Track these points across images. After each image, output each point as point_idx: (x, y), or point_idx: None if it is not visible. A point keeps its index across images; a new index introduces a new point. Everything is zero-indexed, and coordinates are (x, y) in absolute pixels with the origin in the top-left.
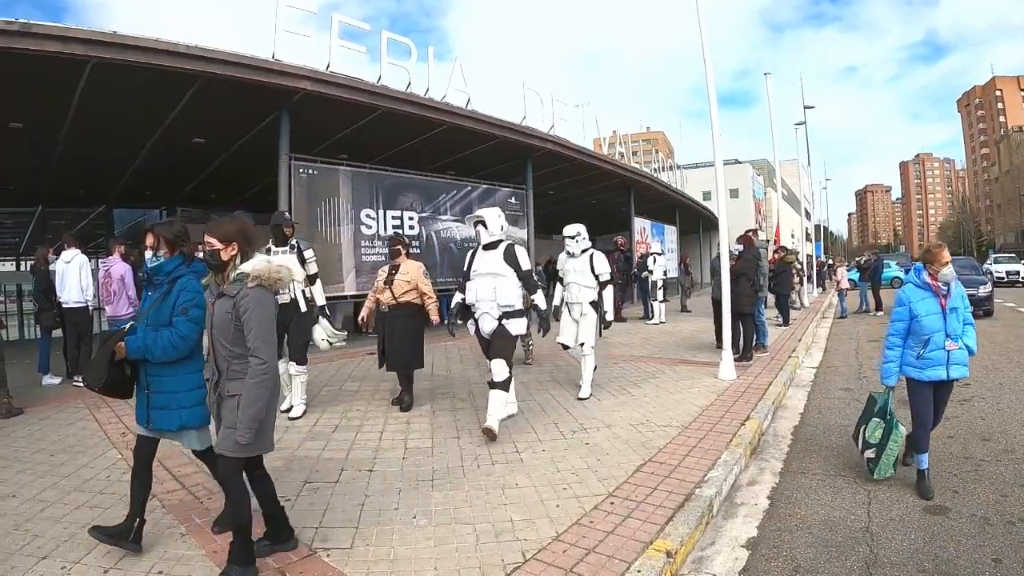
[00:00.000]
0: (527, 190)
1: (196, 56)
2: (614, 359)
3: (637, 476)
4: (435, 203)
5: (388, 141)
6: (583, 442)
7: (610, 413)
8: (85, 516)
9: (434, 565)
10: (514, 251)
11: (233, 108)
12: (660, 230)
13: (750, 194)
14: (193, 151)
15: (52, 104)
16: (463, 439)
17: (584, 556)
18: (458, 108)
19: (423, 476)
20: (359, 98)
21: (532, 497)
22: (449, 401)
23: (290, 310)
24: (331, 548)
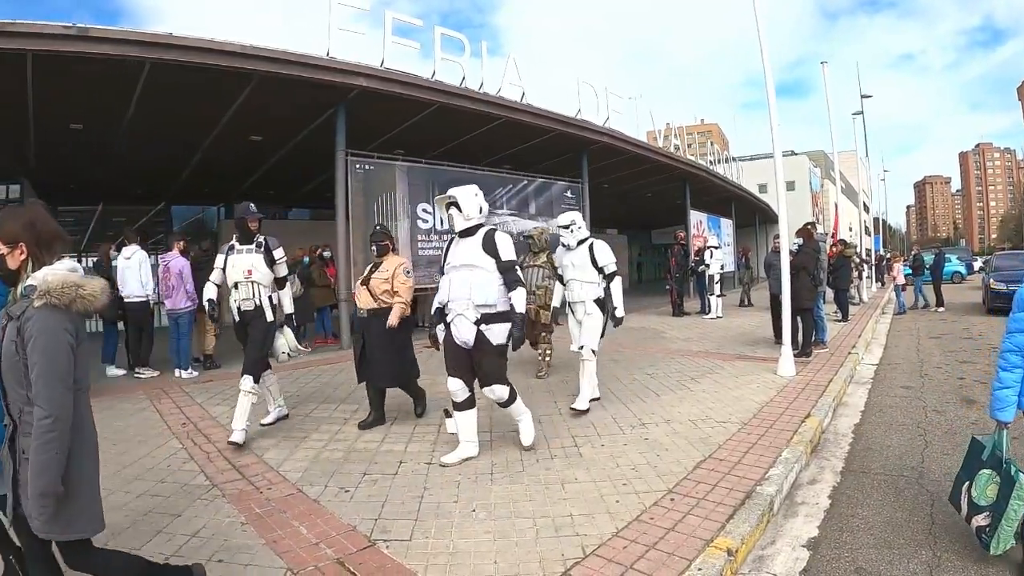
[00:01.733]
0: (583, 184)
1: (251, 55)
2: (671, 354)
3: (697, 472)
4: (491, 197)
5: (444, 136)
6: (642, 437)
7: (669, 409)
8: (146, 504)
9: (494, 559)
10: (494, 238)
11: (289, 106)
12: (716, 223)
13: (807, 186)
14: (250, 148)
15: (111, 105)
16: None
17: (644, 553)
18: (513, 102)
19: (482, 469)
20: (414, 93)
21: (591, 492)
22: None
23: (256, 319)
24: (390, 540)
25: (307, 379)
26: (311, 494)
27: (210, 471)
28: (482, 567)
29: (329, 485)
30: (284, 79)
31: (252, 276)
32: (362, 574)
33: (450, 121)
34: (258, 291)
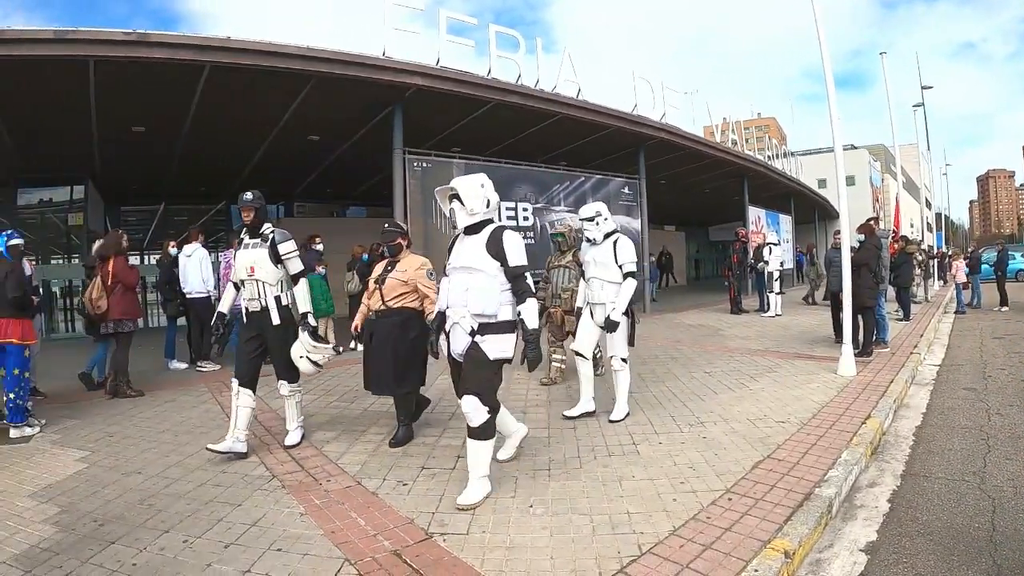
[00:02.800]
0: (640, 179)
1: (309, 57)
2: (730, 352)
3: (755, 472)
4: (548, 194)
5: (500, 133)
6: (700, 436)
7: (727, 408)
8: (208, 493)
9: (550, 554)
10: (501, 237)
11: (347, 105)
12: (775, 219)
13: (867, 181)
14: (309, 147)
15: (172, 108)
16: (580, 429)
17: (701, 552)
18: (569, 98)
19: (540, 466)
20: (470, 91)
21: (649, 490)
22: (566, 391)
23: (265, 323)
24: (448, 533)
25: None
26: (369, 487)
27: (270, 462)
28: (538, 562)
29: (387, 478)
30: (341, 79)
31: (255, 274)
32: (419, 566)
33: (506, 118)
34: (263, 290)
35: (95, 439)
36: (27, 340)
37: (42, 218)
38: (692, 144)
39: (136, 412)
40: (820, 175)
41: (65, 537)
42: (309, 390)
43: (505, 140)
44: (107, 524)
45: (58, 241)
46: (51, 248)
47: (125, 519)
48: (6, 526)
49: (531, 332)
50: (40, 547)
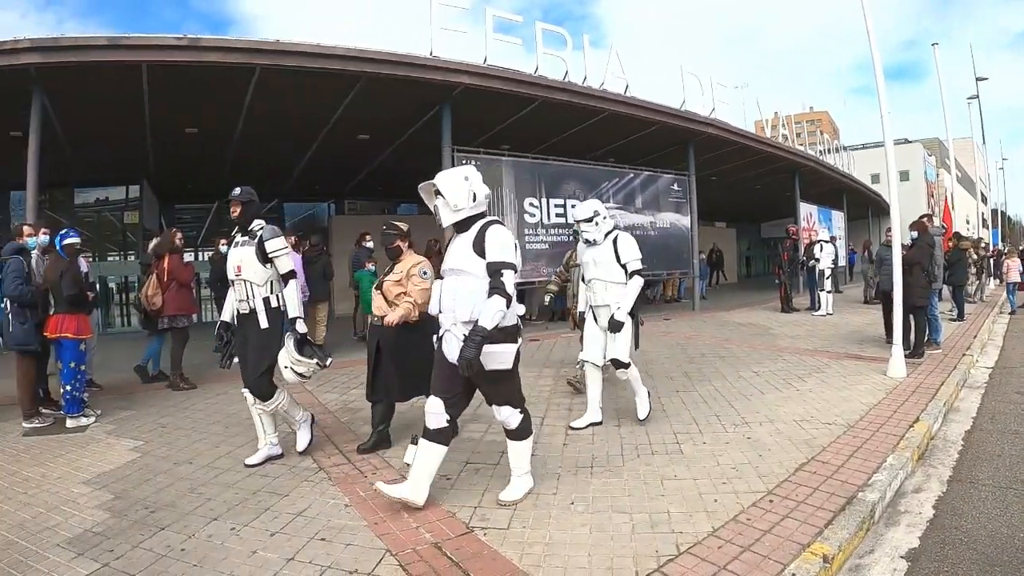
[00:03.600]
0: (689, 176)
1: (357, 57)
2: (779, 351)
3: (799, 475)
4: (597, 191)
5: (549, 131)
6: (745, 436)
7: (774, 408)
8: (256, 483)
9: (588, 551)
10: (485, 233)
11: (395, 105)
12: (827, 216)
13: (921, 176)
14: (359, 146)
15: (224, 110)
16: (624, 427)
17: (739, 554)
18: (617, 95)
19: (583, 463)
20: (518, 89)
21: (690, 490)
22: (611, 388)
23: (251, 326)
24: (488, 527)
25: None
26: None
27: (318, 455)
28: (576, 559)
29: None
30: (389, 79)
31: (242, 273)
32: (458, 559)
33: (554, 116)
34: (251, 291)
35: (148, 429)
36: (82, 335)
37: (98, 216)
38: (742, 139)
39: (189, 404)
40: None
41: (117, 522)
42: (360, 384)
43: (553, 137)
44: (158, 511)
45: (114, 239)
46: (107, 245)
47: (175, 506)
48: (62, 511)
49: (478, 330)
50: (93, 531)
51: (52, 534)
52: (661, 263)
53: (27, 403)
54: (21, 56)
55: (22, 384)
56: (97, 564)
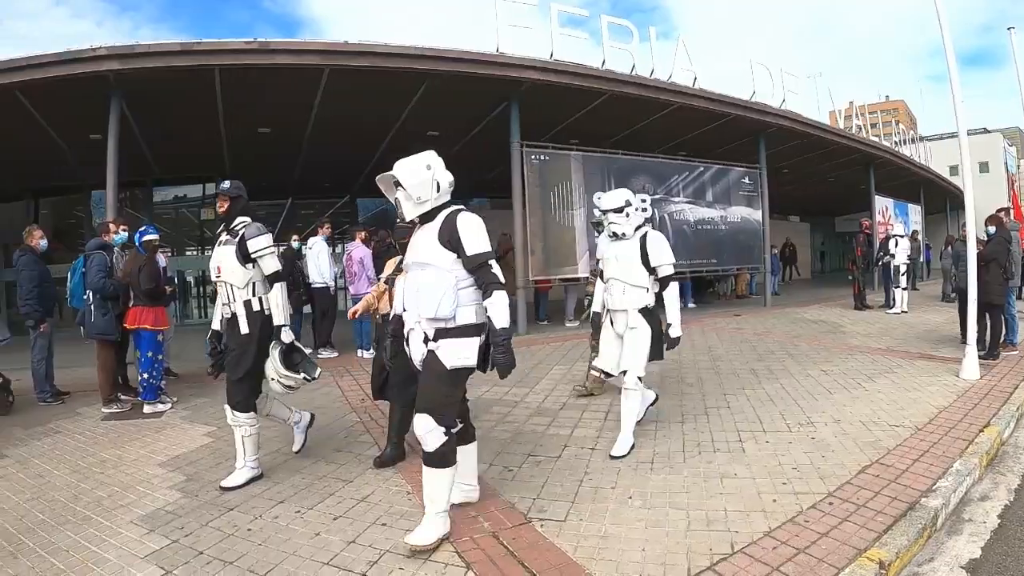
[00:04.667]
0: (761, 169)
1: (424, 56)
2: (849, 350)
3: (861, 477)
4: (667, 185)
5: (617, 125)
6: (809, 436)
7: (840, 408)
8: (322, 469)
9: (642, 546)
10: (455, 222)
11: (463, 101)
12: (903, 209)
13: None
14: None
15: (295, 110)
16: (687, 424)
17: (793, 556)
18: (685, 87)
19: (643, 458)
20: (585, 83)
21: (749, 489)
22: (677, 385)
23: (232, 331)
24: (545, 519)
25: None
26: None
27: (384, 444)
28: (630, 553)
29: (494, 464)
30: (457, 77)
31: (221, 275)
32: (514, 548)
33: (622, 109)
34: (231, 294)
35: (221, 416)
36: (159, 326)
37: (176, 213)
38: (814, 131)
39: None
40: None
41: (189, 502)
42: None
43: (622, 131)
44: (227, 493)
45: (192, 234)
46: (185, 241)
47: (244, 489)
48: (136, 490)
49: (500, 333)
50: (165, 510)
51: (126, 511)
52: (732, 258)
53: (106, 389)
54: (99, 63)
55: (102, 371)
56: (167, 540)
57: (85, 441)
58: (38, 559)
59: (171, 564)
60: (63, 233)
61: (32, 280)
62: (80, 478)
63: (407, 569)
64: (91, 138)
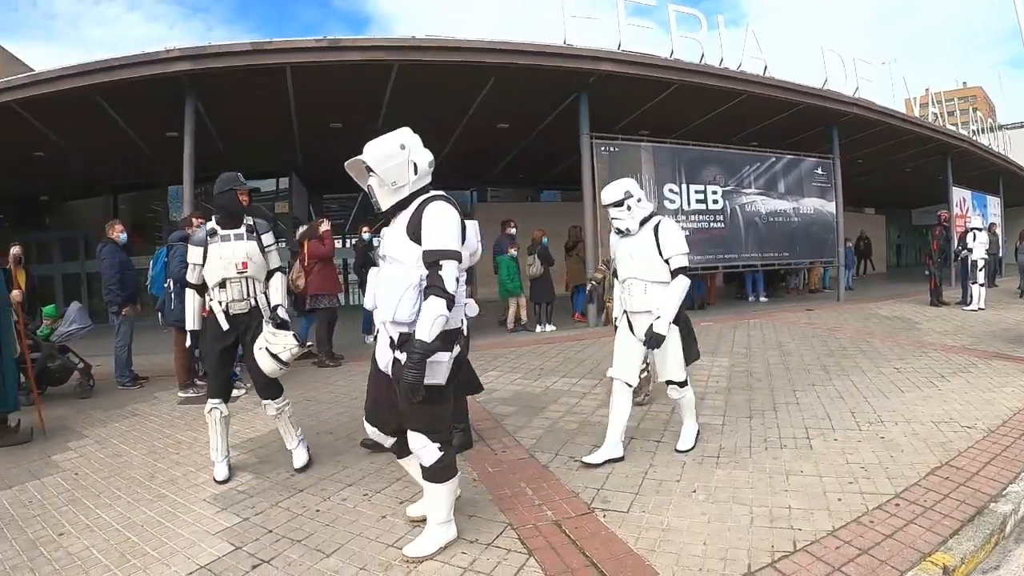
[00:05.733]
0: (834, 159)
1: (492, 49)
2: (923, 347)
3: (929, 479)
4: (738, 176)
5: (687, 115)
6: (878, 435)
7: (912, 407)
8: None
9: (703, 540)
10: (421, 213)
11: (532, 94)
12: (981, 201)
13: None
14: (498, 135)
15: (366, 104)
16: (755, 419)
17: (855, 556)
18: (755, 76)
19: (709, 452)
20: (654, 74)
21: (815, 487)
22: (746, 379)
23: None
24: (608, 510)
25: (552, 353)
26: (541, 460)
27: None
28: (691, 547)
29: (560, 453)
30: (525, 69)
31: (248, 270)
32: (576, 537)
33: (692, 100)
34: (252, 288)
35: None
36: None
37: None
38: (888, 120)
39: (333, 380)
40: None
41: (260, 483)
42: (497, 366)
43: (692, 122)
44: (298, 474)
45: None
46: None
47: (314, 472)
48: (209, 471)
49: (414, 345)
50: (237, 490)
51: (199, 490)
52: (805, 251)
53: (183, 375)
54: (173, 64)
55: (179, 357)
56: (238, 518)
57: (161, 423)
58: (114, 532)
59: (241, 540)
60: (140, 226)
61: (113, 268)
62: (156, 458)
63: (469, 554)
64: (167, 136)
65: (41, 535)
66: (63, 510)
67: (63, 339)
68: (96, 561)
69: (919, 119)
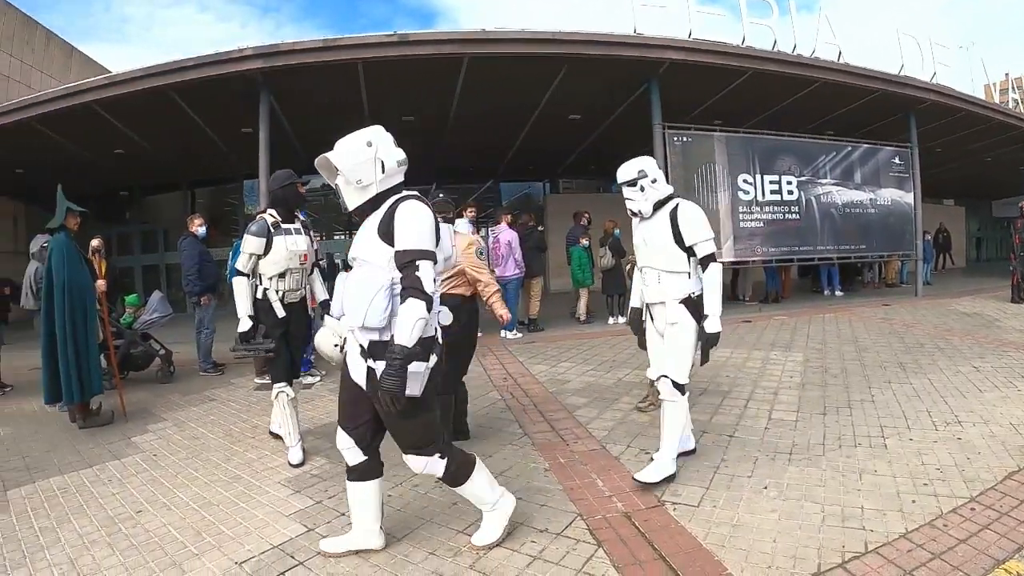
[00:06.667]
0: (912, 148)
1: (561, 40)
2: (1004, 346)
3: (1007, 483)
4: (813, 166)
5: (760, 104)
6: (955, 436)
7: (990, 408)
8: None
9: (773, 538)
10: (394, 213)
11: (603, 84)
12: None
13: None
14: (570, 126)
15: (437, 98)
16: (829, 416)
17: (927, 561)
18: (829, 63)
19: (782, 449)
20: (726, 62)
21: (888, 487)
22: (820, 375)
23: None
24: (679, 503)
25: (623, 345)
26: (613, 452)
27: (524, 421)
28: (760, 544)
29: (631, 446)
30: (595, 60)
31: (306, 263)
32: (645, 530)
33: (765, 88)
34: (305, 281)
35: None
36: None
37: (325, 200)
38: (968, 106)
39: None
40: None
41: (333, 467)
42: (570, 357)
43: (766, 110)
44: None
45: (340, 219)
46: (334, 226)
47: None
48: (284, 455)
49: (395, 351)
50: (311, 473)
51: (274, 473)
52: (881, 244)
53: (259, 362)
54: (246, 63)
55: None
56: (311, 501)
57: (238, 408)
58: (190, 511)
59: (313, 522)
60: (217, 220)
61: (193, 259)
62: (232, 441)
63: (539, 542)
64: (242, 132)
65: (120, 512)
66: (141, 489)
67: (145, 327)
68: (172, 538)
69: (1000, 106)
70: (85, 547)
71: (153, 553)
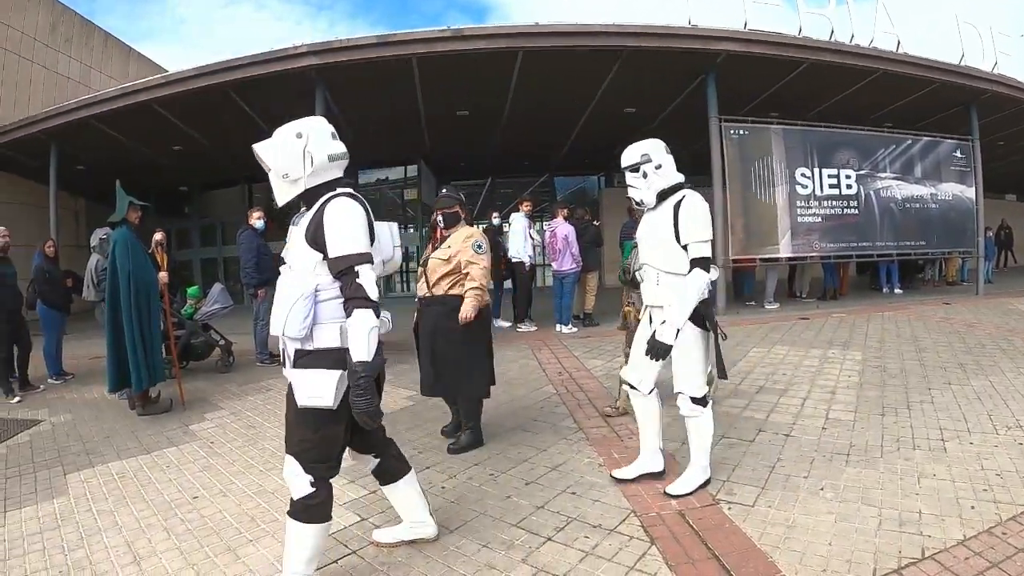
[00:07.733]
0: (973, 141)
1: (616, 33)
2: None
3: None
4: (872, 159)
5: (818, 95)
6: (1016, 441)
7: None
8: (518, 437)
9: (829, 540)
10: (323, 214)
11: (658, 76)
12: None
13: None
14: (625, 120)
15: (492, 93)
16: (888, 417)
17: (985, 569)
18: (888, 52)
19: (839, 450)
20: (783, 53)
21: (947, 492)
22: (879, 375)
23: None
24: (733, 503)
25: None
26: (668, 448)
27: (579, 416)
28: (815, 546)
29: (685, 443)
30: (650, 52)
31: None
32: (699, 528)
33: (822, 79)
34: None
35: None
36: None
37: (380, 194)
38: None
39: None
40: None
41: None
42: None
43: (824, 102)
44: (424, 452)
45: (395, 213)
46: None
47: (439, 449)
48: None
49: (355, 367)
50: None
51: None
52: (942, 240)
53: None
54: (301, 60)
55: None
56: (365, 491)
57: None
58: (246, 498)
59: (367, 512)
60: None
61: (251, 252)
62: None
63: (592, 538)
64: None
65: (176, 498)
66: (198, 475)
67: (206, 318)
68: (227, 524)
69: None
70: (141, 531)
71: (208, 538)
